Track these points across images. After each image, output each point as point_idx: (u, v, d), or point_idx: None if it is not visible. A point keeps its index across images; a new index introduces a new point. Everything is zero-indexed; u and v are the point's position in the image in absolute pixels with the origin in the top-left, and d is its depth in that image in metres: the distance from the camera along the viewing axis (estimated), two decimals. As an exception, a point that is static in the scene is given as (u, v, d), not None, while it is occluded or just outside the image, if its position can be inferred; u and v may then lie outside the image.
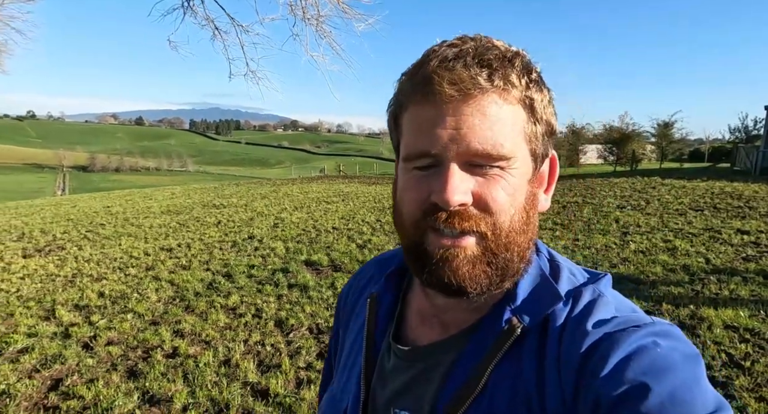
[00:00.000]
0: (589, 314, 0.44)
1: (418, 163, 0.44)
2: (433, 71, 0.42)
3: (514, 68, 0.43)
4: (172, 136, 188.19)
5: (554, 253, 0.52)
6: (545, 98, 0.46)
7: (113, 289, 4.71)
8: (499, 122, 0.42)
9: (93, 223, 10.10)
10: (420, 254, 0.45)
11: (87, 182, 67.08)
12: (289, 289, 4.62)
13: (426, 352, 0.50)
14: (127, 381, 2.71)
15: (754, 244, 5.36)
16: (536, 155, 0.46)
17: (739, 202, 8.00)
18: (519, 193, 0.44)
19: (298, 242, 6.95)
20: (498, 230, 0.43)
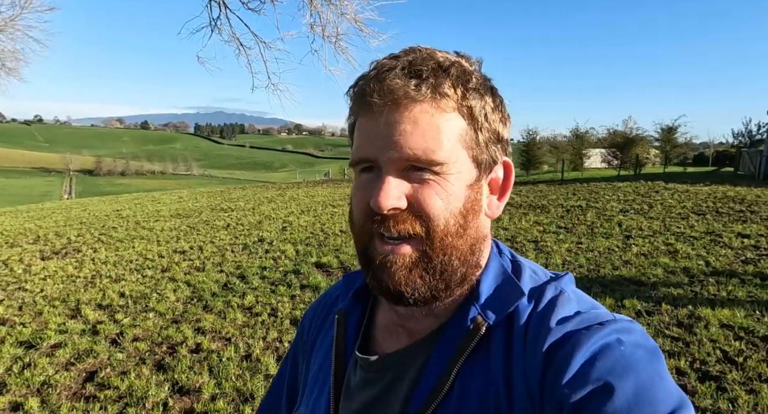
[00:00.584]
0: (551, 311, 0.44)
1: (360, 167, 0.47)
2: (366, 84, 0.44)
3: (449, 77, 0.44)
4: (178, 139, 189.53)
5: (516, 254, 0.54)
6: (487, 105, 0.46)
7: (133, 290, 4.90)
8: (431, 129, 0.43)
9: (105, 226, 10.33)
10: (366, 260, 0.47)
11: (93, 186, 67.67)
12: (301, 290, 4.79)
13: (393, 360, 0.50)
14: (156, 373, 2.90)
15: (754, 247, 5.49)
16: (479, 162, 0.47)
17: (741, 206, 8.12)
18: (455, 198, 0.45)
19: (307, 245, 7.12)
20: (432, 233, 0.44)
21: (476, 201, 0.47)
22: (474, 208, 0.47)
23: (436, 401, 0.44)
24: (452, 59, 0.46)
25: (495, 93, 0.49)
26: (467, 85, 0.45)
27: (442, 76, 0.44)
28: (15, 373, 2.94)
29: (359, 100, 0.46)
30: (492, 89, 0.49)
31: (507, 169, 0.51)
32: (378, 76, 0.44)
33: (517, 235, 6.93)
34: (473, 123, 0.46)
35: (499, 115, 0.48)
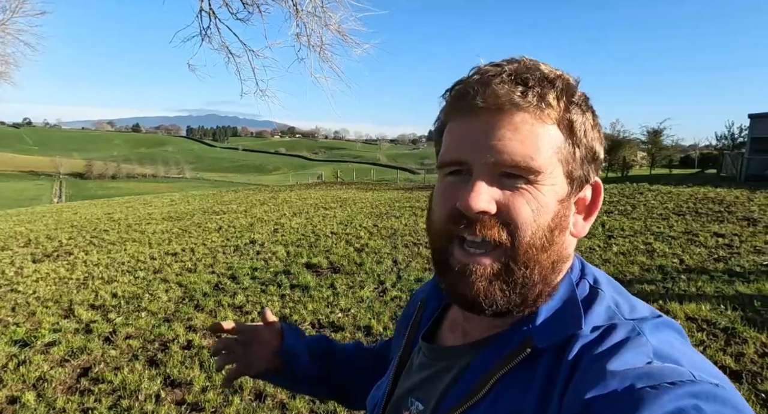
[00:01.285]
0: (614, 353, 0.39)
1: (450, 169, 0.46)
2: (470, 86, 0.44)
3: (554, 89, 0.44)
4: (170, 143, 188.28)
5: (604, 280, 0.49)
6: (588, 122, 0.46)
7: (125, 290, 5.00)
8: (531, 137, 0.43)
9: (97, 229, 10.36)
10: (442, 264, 0.47)
11: (84, 189, 67.06)
12: (291, 290, 4.92)
13: (444, 353, 0.53)
14: (149, 368, 3.02)
15: (727, 246, 5.71)
16: (572, 177, 0.46)
17: (720, 207, 8.38)
18: (545, 211, 0.44)
19: (298, 246, 7.24)
20: (518, 244, 0.43)
21: (565, 217, 0.46)
22: (562, 225, 0.45)
23: (468, 404, 0.45)
24: (557, 72, 0.46)
25: (594, 112, 0.48)
26: (571, 99, 0.45)
27: (547, 86, 0.44)
28: (11, 369, 3.04)
29: (458, 102, 0.46)
30: (592, 108, 0.48)
31: (596, 190, 0.50)
32: (483, 80, 0.44)
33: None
34: (572, 137, 0.45)
35: (597, 134, 0.48)
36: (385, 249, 6.77)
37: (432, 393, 0.51)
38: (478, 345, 0.49)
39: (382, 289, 4.87)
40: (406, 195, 15.13)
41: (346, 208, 12.12)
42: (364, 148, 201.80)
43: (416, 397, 0.53)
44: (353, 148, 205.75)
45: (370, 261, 6.06)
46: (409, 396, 0.54)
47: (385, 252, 6.58)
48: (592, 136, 0.47)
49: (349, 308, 4.22)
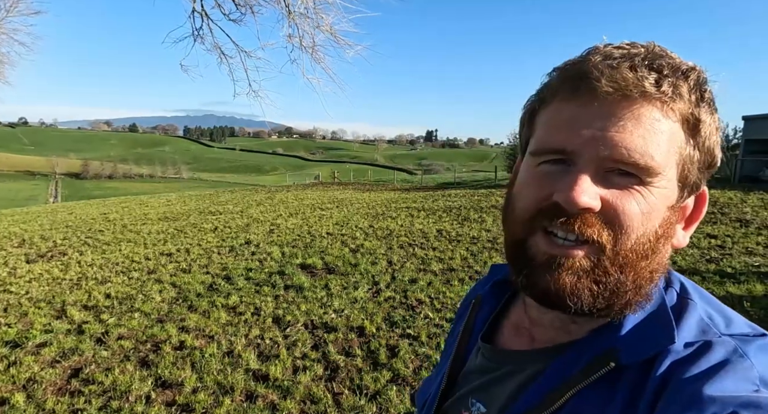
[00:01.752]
0: (712, 376, 0.35)
1: (548, 158, 0.41)
2: (594, 66, 0.39)
3: (687, 81, 0.39)
4: (167, 143, 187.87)
5: (692, 289, 0.44)
6: (714, 124, 0.41)
7: (119, 291, 4.98)
8: (654, 133, 0.38)
9: (92, 229, 10.33)
10: (521, 254, 0.43)
11: (80, 189, 66.81)
12: (285, 290, 4.92)
13: (510, 357, 0.50)
14: (140, 369, 3.01)
15: (719, 247, 5.75)
16: (686, 183, 0.41)
17: (713, 208, 8.43)
18: (655, 215, 0.39)
19: (294, 247, 7.25)
20: (619, 246, 0.39)
21: (672, 225, 0.41)
22: (668, 233, 0.41)
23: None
24: (691, 64, 0.41)
25: (719, 115, 0.43)
26: (703, 95, 0.40)
27: (681, 77, 0.39)
28: (0, 370, 3.03)
29: (573, 82, 0.40)
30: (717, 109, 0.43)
31: (701, 199, 0.45)
32: (609, 62, 0.39)
33: (498, 237, 7.14)
34: (695, 138, 0.41)
35: (719, 139, 0.43)
36: (380, 250, 6.78)
37: (496, 397, 0.48)
38: (551, 352, 0.46)
39: (376, 289, 4.88)
40: (402, 196, 15.15)
41: (343, 209, 12.13)
42: (361, 149, 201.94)
43: (477, 398, 0.51)
44: (351, 148, 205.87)
45: (365, 262, 6.07)
46: (470, 396, 0.52)
47: (380, 253, 6.59)
48: (715, 140, 0.42)
49: (343, 309, 4.23)
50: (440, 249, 6.66)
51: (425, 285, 4.92)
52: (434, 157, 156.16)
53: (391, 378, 2.89)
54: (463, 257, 6.10)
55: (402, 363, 3.05)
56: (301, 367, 3.06)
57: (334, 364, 3.10)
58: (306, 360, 3.17)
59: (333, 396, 2.69)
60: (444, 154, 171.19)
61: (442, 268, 5.62)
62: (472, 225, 8.48)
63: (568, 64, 0.43)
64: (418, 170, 62.10)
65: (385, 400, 2.63)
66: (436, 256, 6.22)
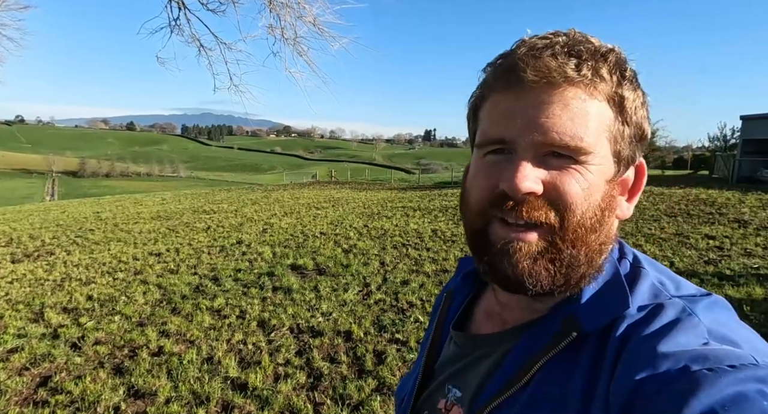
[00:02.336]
0: (665, 334, 0.37)
1: (491, 148, 0.44)
2: (519, 58, 0.41)
3: (607, 62, 0.42)
4: (164, 141, 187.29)
5: (644, 259, 0.47)
6: (638, 99, 0.44)
7: (101, 293, 4.84)
8: (581, 114, 0.40)
9: (82, 228, 10.17)
10: (481, 243, 0.44)
11: (77, 188, 66.46)
12: (273, 292, 4.78)
13: (481, 341, 0.51)
14: (113, 377, 2.87)
15: (717, 248, 5.64)
16: (620, 157, 0.44)
17: (711, 208, 8.33)
18: (594, 190, 0.42)
19: (286, 247, 7.11)
20: (566, 224, 0.41)
21: (613, 198, 0.44)
22: (611, 205, 0.43)
23: (509, 392, 0.43)
24: (609, 46, 0.43)
25: (643, 89, 0.45)
26: (624, 74, 0.43)
27: (600, 60, 0.41)
28: (-33, 378, 2.89)
29: (504, 75, 0.43)
30: (640, 85, 0.45)
31: (640, 171, 0.48)
32: (532, 53, 0.41)
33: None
34: (623, 115, 0.43)
35: (646, 113, 0.45)
36: (373, 250, 6.65)
37: (470, 380, 0.49)
38: (518, 330, 0.47)
39: (366, 291, 4.75)
40: (399, 195, 15.03)
41: (338, 208, 12.00)
42: (360, 148, 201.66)
43: (453, 384, 0.52)
44: (349, 147, 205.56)
45: (356, 262, 5.94)
46: (446, 384, 0.53)
47: (373, 253, 6.46)
48: (642, 114, 0.44)
49: (331, 312, 4.10)
50: (434, 249, 6.53)
51: (417, 287, 4.79)
52: (433, 156, 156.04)
53: (376, 387, 2.76)
54: (457, 258, 5.96)
55: (388, 370, 2.92)
56: (283, 374, 2.92)
57: (317, 371, 2.97)
58: (288, 367, 3.03)
59: (314, 406, 2.56)
60: (442, 154, 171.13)
61: (435, 270, 5.49)
62: (467, 225, 8.36)
63: (499, 58, 0.45)
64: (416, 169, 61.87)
65: (368, 411, 2.50)
66: (430, 257, 6.09)
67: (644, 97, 0.45)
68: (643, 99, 0.45)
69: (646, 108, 0.45)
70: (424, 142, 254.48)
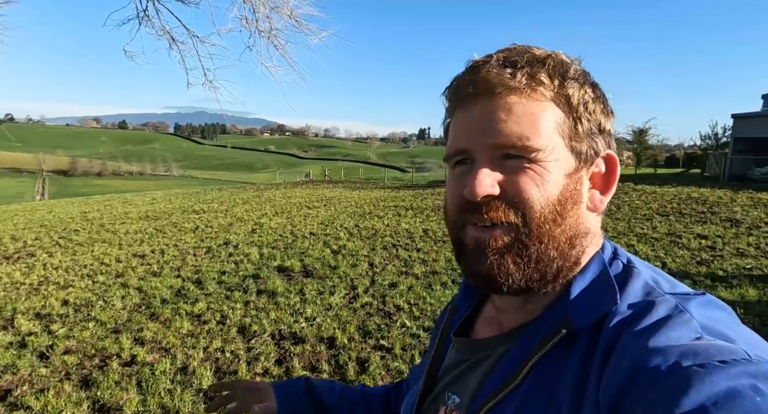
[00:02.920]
0: (656, 330, 0.36)
1: (454, 160, 0.47)
2: (461, 79, 0.46)
3: (545, 67, 0.44)
4: (157, 140, 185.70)
5: (638, 261, 0.47)
6: (587, 95, 0.45)
7: (78, 297, 4.67)
8: (525, 116, 0.43)
9: (67, 229, 9.95)
10: (460, 248, 0.48)
11: (68, 187, 65.66)
12: (257, 296, 4.64)
13: (479, 345, 0.53)
14: (79, 390, 2.71)
15: (710, 248, 5.57)
16: (578, 151, 0.45)
17: (703, 207, 8.29)
18: (552, 185, 0.43)
19: (273, 248, 6.96)
20: (529, 220, 0.43)
21: (575, 191, 0.45)
22: (573, 198, 0.45)
23: (505, 391, 0.43)
24: (548, 52, 0.46)
25: (596, 85, 0.47)
26: (565, 75, 0.45)
27: (537, 66, 0.44)
28: (-77, 392, 2.72)
29: (454, 95, 0.47)
30: (593, 82, 0.47)
31: (611, 163, 0.48)
32: (472, 70, 0.45)
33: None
34: (571, 112, 0.45)
35: (601, 107, 0.47)
36: (362, 251, 6.52)
37: (468, 385, 0.50)
38: (514, 333, 0.48)
39: (353, 294, 4.62)
40: (392, 194, 14.90)
41: (330, 208, 11.85)
42: (354, 147, 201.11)
43: (452, 391, 0.53)
44: (344, 146, 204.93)
45: (345, 264, 5.80)
46: (446, 391, 0.54)
47: (362, 254, 6.33)
48: (594, 108, 0.46)
49: (315, 317, 3.96)
50: (425, 250, 6.42)
51: (405, 289, 4.67)
52: (427, 155, 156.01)
53: (356, 398, 2.63)
54: (447, 259, 5.85)
55: (370, 380, 2.79)
56: (260, 385, 2.78)
57: (296, 381, 2.84)
58: (267, 377, 2.90)
59: (290, 420, 2.43)
60: (437, 152, 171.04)
61: (425, 271, 5.38)
62: (459, 225, 8.25)
63: (452, 81, 0.49)
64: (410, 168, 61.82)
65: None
66: (420, 258, 5.97)
67: (595, 91, 0.47)
68: (594, 94, 0.46)
69: (600, 102, 0.47)
70: (418, 140, 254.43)
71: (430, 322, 3.77)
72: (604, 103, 0.47)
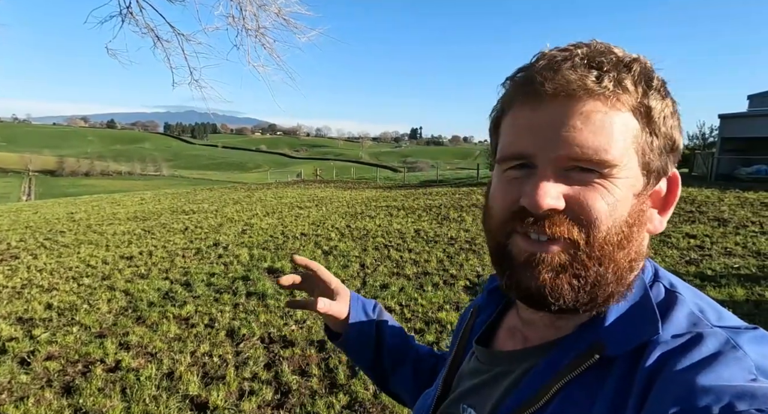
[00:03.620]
0: (705, 366, 0.34)
1: (511, 164, 0.43)
2: (537, 72, 0.41)
3: (630, 73, 0.40)
4: (147, 139, 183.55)
5: (681, 284, 0.44)
6: (667, 109, 0.42)
7: (62, 301, 4.56)
8: (604, 127, 0.39)
9: (53, 230, 9.76)
10: (503, 257, 0.44)
11: (54, 187, 64.62)
12: (246, 298, 4.58)
13: (501, 357, 0.50)
14: (60, 398, 2.64)
15: (698, 247, 5.62)
16: (649, 169, 0.42)
17: (691, 206, 8.37)
18: (621, 205, 0.40)
19: (264, 249, 6.89)
20: (592, 240, 0.39)
21: (642, 212, 0.42)
22: (640, 220, 0.42)
23: (528, 411, 0.41)
24: (633, 56, 0.42)
25: (673, 98, 0.43)
26: (650, 84, 0.41)
27: (623, 70, 0.40)
28: None
29: (522, 88, 0.42)
30: (671, 94, 0.43)
31: (673, 182, 0.45)
32: (551, 65, 0.40)
33: (476, 237, 6.91)
34: (650, 126, 0.41)
35: (677, 122, 0.43)
36: (354, 252, 6.48)
37: (487, 399, 0.48)
38: (541, 349, 0.46)
39: (344, 296, 4.58)
40: (384, 194, 14.87)
41: (322, 208, 11.78)
42: (346, 146, 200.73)
43: (468, 404, 0.51)
44: (335, 145, 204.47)
45: (336, 265, 5.76)
46: (461, 402, 0.52)
47: (353, 255, 6.28)
48: (672, 123, 0.43)
49: (305, 320, 3.91)
50: (416, 250, 6.39)
51: (397, 291, 4.64)
52: (419, 154, 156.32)
53: (347, 403, 2.59)
54: (439, 259, 5.84)
55: (361, 384, 2.75)
56: (248, 390, 2.73)
57: (286, 386, 2.79)
58: (255, 382, 2.85)
59: (279, 426, 2.38)
60: (428, 152, 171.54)
61: (417, 272, 5.35)
62: (451, 225, 8.24)
63: (518, 72, 0.44)
64: (402, 168, 61.85)
65: (337, 430, 2.33)
66: (412, 259, 5.94)
67: (674, 105, 0.43)
68: (672, 108, 0.43)
69: (676, 117, 0.43)
70: (410, 140, 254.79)
71: (422, 324, 3.75)
72: (678, 119, 0.43)
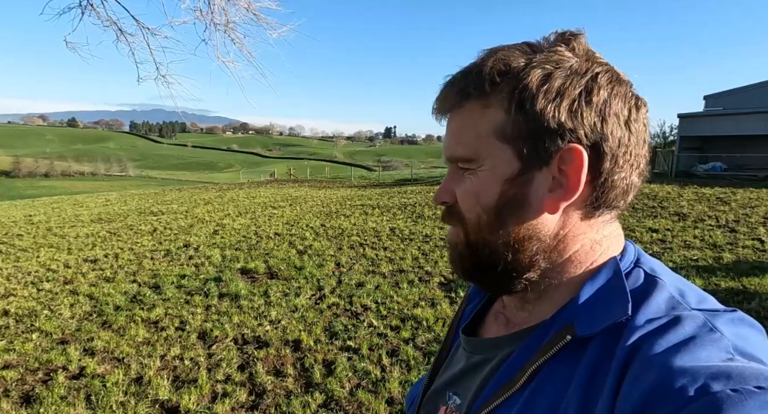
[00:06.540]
0: (681, 348, 0.34)
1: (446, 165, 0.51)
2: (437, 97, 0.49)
3: (483, 74, 0.43)
4: (111, 138, 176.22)
5: (664, 270, 0.44)
6: (545, 93, 0.41)
7: (20, 307, 4.33)
8: (464, 127, 0.45)
9: (9, 233, 9.24)
10: None
11: (10, 189, 61.05)
12: (219, 299, 4.47)
13: (484, 344, 0.52)
14: (19, 408, 2.50)
15: (660, 241, 5.90)
16: (522, 155, 0.42)
17: (653, 202, 8.76)
18: (485, 194, 0.44)
19: (237, 249, 6.75)
20: (466, 226, 0.46)
21: (516, 196, 0.44)
22: (512, 204, 0.44)
23: (505, 395, 0.42)
24: (497, 54, 0.44)
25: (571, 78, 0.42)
26: (515, 75, 0.42)
27: (474, 77, 0.44)
28: None
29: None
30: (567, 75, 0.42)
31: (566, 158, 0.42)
32: (441, 90, 0.48)
33: (450, 234, 7.01)
34: (519, 114, 0.42)
35: (568, 102, 0.41)
36: (329, 251, 6.44)
37: (470, 386, 0.49)
38: (520, 335, 0.47)
39: (320, 295, 4.54)
40: (359, 193, 14.83)
41: (296, 207, 11.64)
42: (320, 145, 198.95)
43: (454, 391, 0.52)
44: (309, 145, 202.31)
45: (311, 264, 5.71)
46: (447, 390, 0.53)
47: (328, 254, 6.24)
48: (544, 105, 0.42)
49: (280, 319, 3.86)
50: (392, 248, 6.41)
51: (373, 289, 4.65)
52: (393, 153, 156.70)
53: (323, 401, 2.57)
54: (414, 257, 5.88)
55: (337, 382, 2.74)
56: (221, 393, 2.67)
57: (260, 387, 2.74)
58: (228, 384, 2.79)
59: (254, 427, 2.34)
60: (403, 151, 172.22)
61: (392, 270, 5.37)
62: (425, 222, 8.31)
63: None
64: (376, 167, 61.85)
65: (313, 428, 2.31)
66: (387, 257, 5.96)
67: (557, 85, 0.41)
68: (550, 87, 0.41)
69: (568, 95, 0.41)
70: (384, 139, 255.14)
71: (397, 321, 3.77)
72: (571, 96, 0.41)
